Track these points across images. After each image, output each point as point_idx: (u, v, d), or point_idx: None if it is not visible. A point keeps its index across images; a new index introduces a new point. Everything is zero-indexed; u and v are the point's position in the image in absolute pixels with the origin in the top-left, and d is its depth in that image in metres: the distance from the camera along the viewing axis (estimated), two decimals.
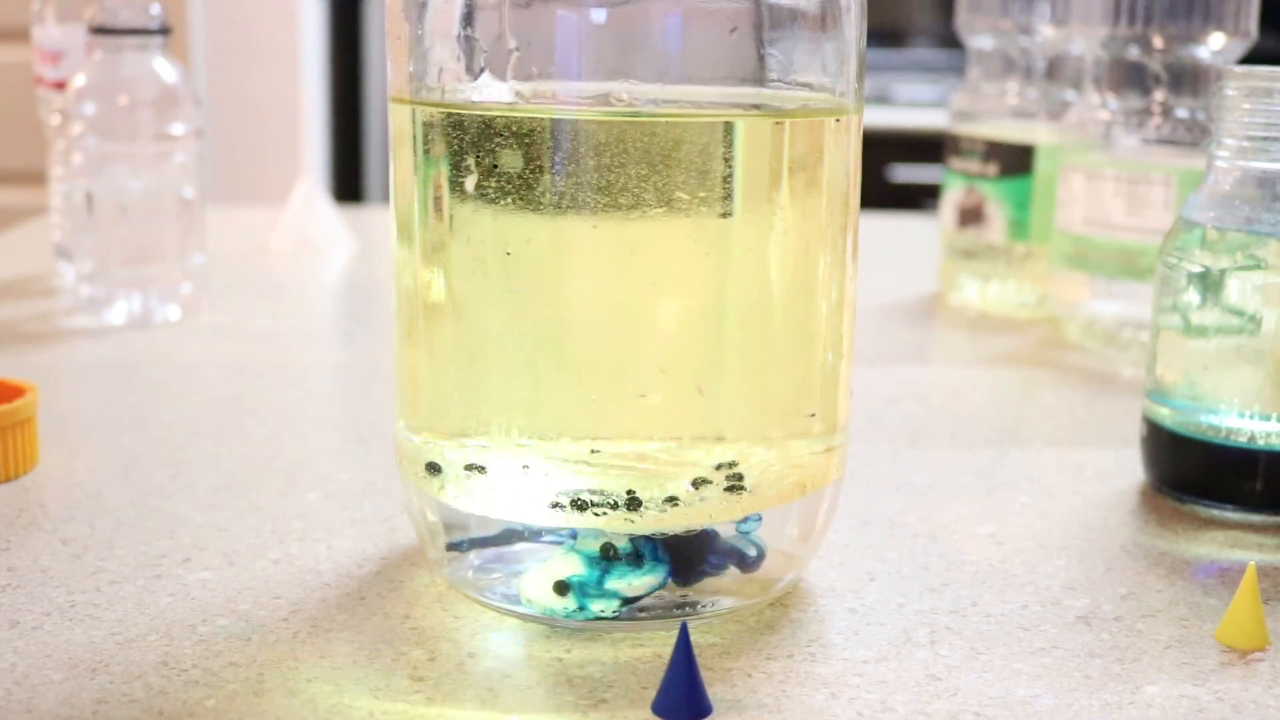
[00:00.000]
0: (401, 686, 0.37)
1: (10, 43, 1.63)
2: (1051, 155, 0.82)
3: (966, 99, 0.89)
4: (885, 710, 0.37)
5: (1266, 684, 0.38)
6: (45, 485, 0.52)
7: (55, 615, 0.41)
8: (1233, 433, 0.50)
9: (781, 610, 0.42)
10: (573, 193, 0.37)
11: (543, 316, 0.38)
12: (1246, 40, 0.73)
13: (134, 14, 0.76)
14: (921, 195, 2.13)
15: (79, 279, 0.79)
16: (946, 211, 0.89)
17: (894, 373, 0.72)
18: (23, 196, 1.62)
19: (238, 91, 1.83)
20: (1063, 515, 0.51)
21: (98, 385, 0.66)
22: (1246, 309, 0.49)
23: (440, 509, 0.41)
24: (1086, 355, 0.75)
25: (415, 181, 0.40)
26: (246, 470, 0.54)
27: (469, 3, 0.38)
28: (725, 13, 0.37)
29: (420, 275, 0.40)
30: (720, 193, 0.38)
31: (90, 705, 0.36)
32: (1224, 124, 0.50)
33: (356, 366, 0.73)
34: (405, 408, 0.42)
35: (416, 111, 0.40)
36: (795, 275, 0.39)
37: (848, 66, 0.40)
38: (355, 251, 1.03)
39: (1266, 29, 0.80)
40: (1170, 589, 0.45)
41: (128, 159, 0.76)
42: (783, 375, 0.40)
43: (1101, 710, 0.37)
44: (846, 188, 0.41)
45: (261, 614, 0.41)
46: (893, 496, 0.53)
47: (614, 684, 0.37)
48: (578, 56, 0.37)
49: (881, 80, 2.41)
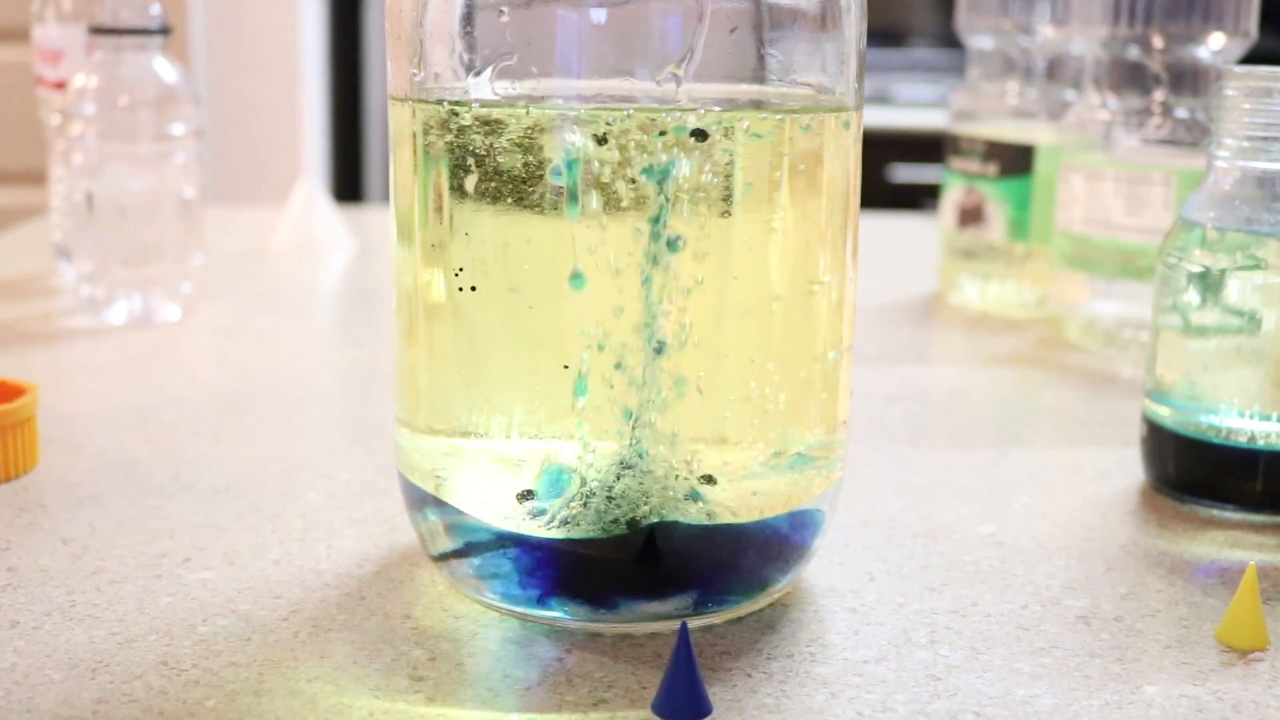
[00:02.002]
0: (401, 686, 0.37)
1: (10, 43, 1.64)
2: (1051, 155, 0.82)
3: (966, 99, 0.89)
4: (885, 710, 0.37)
5: (1266, 684, 0.38)
6: (45, 485, 0.52)
7: (55, 615, 0.41)
8: (1233, 433, 0.50)
9: (781, 610, 0.42)
10: (573, 192, 0.37)
11: (543, 316, 0.38)
12: (1246, 40, 0.73)
13: (134, 14, 0.76)
14: (921, 195, 2.13)
15: (79, 279, 0.79)
16: (946, 211, 0.89)
17: (894, 373, 0.72)
18: (23, 196, 1.62)
19: (238, 91, 1.83)
20: (1063, 515, 0.51)
21: (98, 385, 0.66)
22: (1246, 309, 0.49)
23: (441, 510, 0.41)
24: (1086, 355, 0.75)
25: (415, 181, 0.40)
26: (246, 470, 0.54)
27: (469, 3, 0.38)
28: (725, 13, 0.37)
29: (420, 275, 0.40)
30: (720, 193, 0.38)
31: (90, 705, 0.36)
32: (1224, 124, 0.50)
33: (356, 366, 0.73)
34: (405, 408, 0.42)
35: (416, 111, 0.40)
36: (795, 275, 0.39)
37: (848, 66, 0.40)
38: (355, 251, 1.03)
39: (1266, 29, 0.80)
40: (1170, 589, 0.45)
41: (128, 159, 0.76)
42: (783, 375, 0.40)
43: (1101, 710, 0.37)
44: (847, 188, 0.41)
45: (262, 614, 0.41)
46: (893, 496, 0.53)
47: (614, 684, 0.37)
48: (578, 56, 0.37)
49: (881, 80, 2.42)
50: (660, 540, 0.39)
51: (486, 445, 0.39)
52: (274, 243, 1.03)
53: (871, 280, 0.85)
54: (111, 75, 0.76)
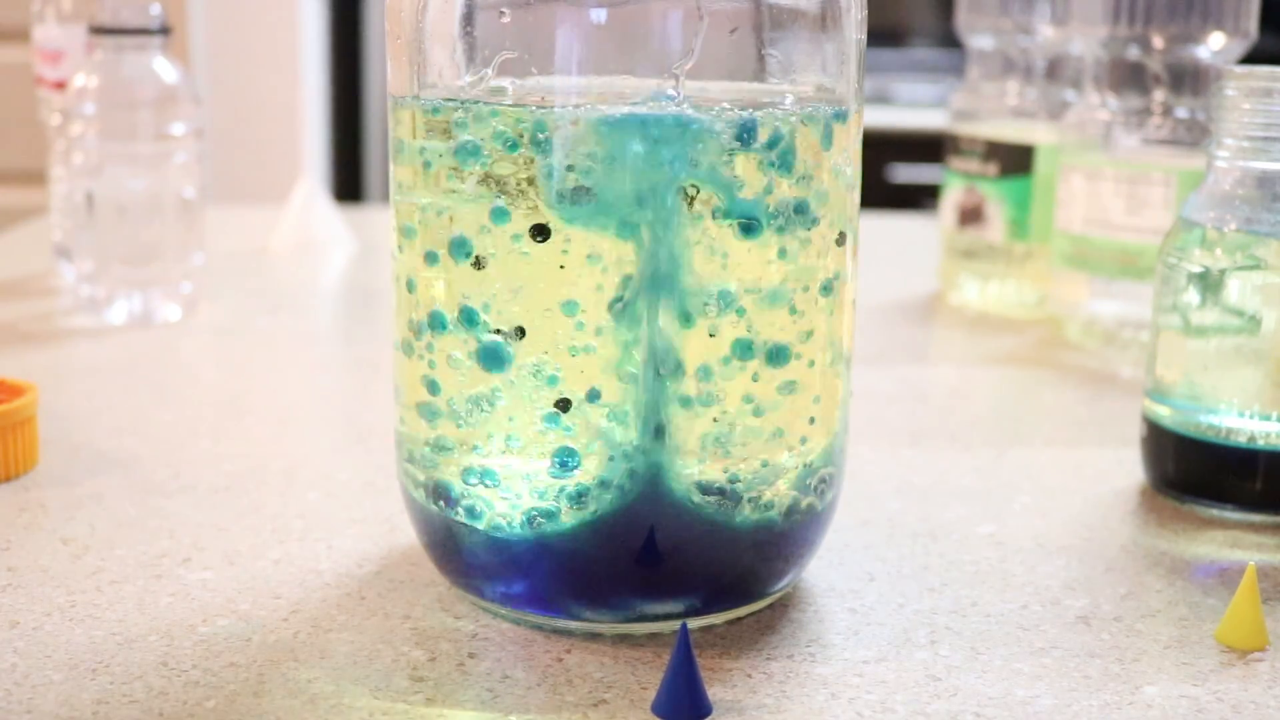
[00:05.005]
0: (401, 686, 0.37)
1: (10, 43, 1.64)
2: (1051, 155, 0.82)
3: (966, 99, 0.89)
4: (885, 710, 0.37)
5: (1266, 684, 0.38)
6: (45, 485, 0.52)
7: (55, 615, 0.41)
8: (1233, 433, 0.50)
9: (781, 610, 0.42)
10: (573, 191, 0.37)
11: (543, 317, 0.38)
12: (1246, 40, 0.73)
13: (134, 14, 0.76)
14: (921, 195, 2.13)
15: (79, 279, 0.79)
16: (946, 211, 0.89)
17: (894, 373, 0.72)
18: (23, 196, 1.62)
19: (238, 91, 1.83)
20: (1063, 515, 0.51)
21: (98, 385, 0.66)
22: (1246, 309, 0.49)
23: (442, 509, 0.41)
24: (1086, 355, 0.75)
25: (415, 181, 0.40)
26: (247, 470, 0.54)
27: (469, 2, 0.38)
28: (725, 13, 0.37)
29: (421, 275, 0.40)
30: (720, 193, 0.38)
31: (90, 706, 0.36)
32: (1224, 124, 0.50)
33: (356, 366, 0.73)
34: (405, 409, 0.42)
35: (417, 111, 0.40)
36: (795, 275, 0.39)
37: (848, 66, 0.40)
38: (355, 251, 1.03)
39: (1266, 29, 0.80)
40: (1170, 589, 0.45)
41: (128, 159, 0.77)
42: (783, 375, 0.40)
43: (1101, 710, 0.37)
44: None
45: (262, 614, 0.41)
46: (893, 496, 0.53)
47: (614, 684, 0.38)
48: (578, 56, 0.37)
49: (881, 80, 2.41)
50: (661, 540, 0.39)
51: (487, 445, 0.39)
52: (274, 242, 1.03)
53: (871, 280, 0.85)
54: (112, 75, 0.76)
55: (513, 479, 0.39)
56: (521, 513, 0.39)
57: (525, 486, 0.39)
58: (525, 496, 0.39)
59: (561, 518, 0.39)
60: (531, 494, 0.39)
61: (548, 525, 0.39)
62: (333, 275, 0.98)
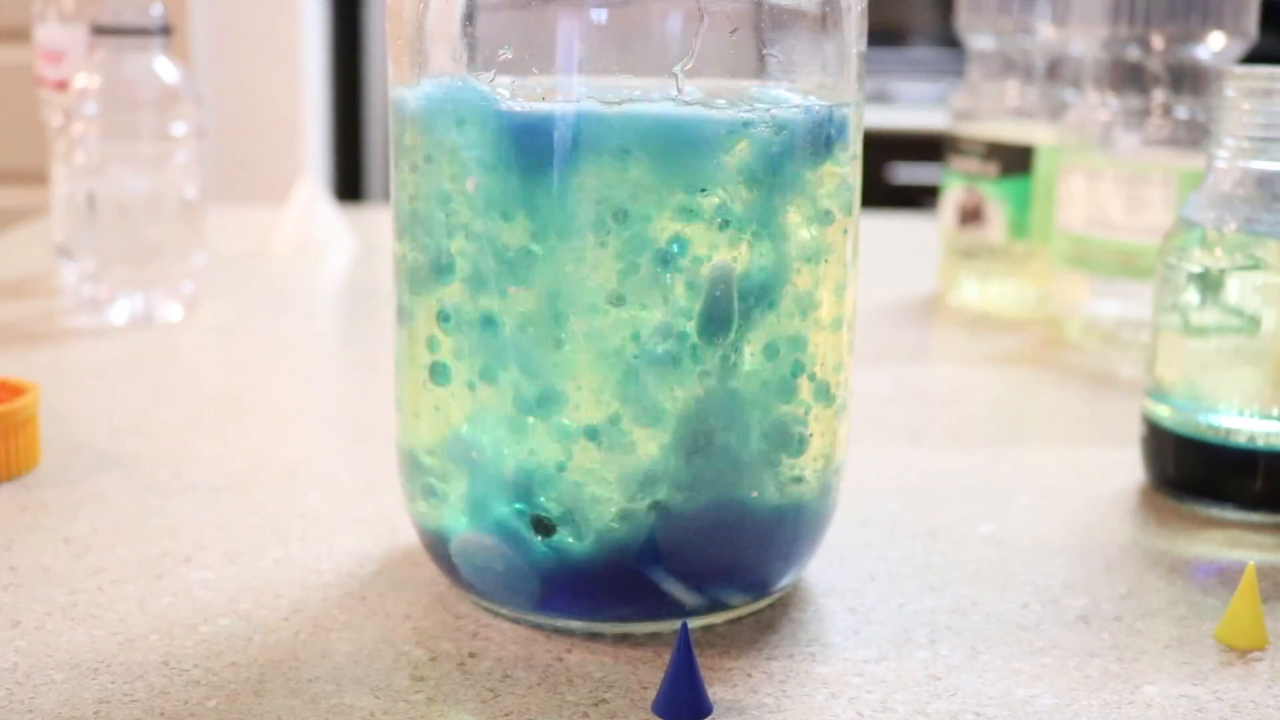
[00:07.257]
0: (402, 686, 0.37)
1: (11, 43, 1.64)
2: (1051, 155, 0.82)
3: (966, 99, 0.89)
4: (885, 710, 0.37)
5: (1266, 684, 0.39)
6: (46, 485, 0.52)
7: (57, 615, 0.41)
8: (1233, 433, 0.50)
9: (781, 610, 0.42)
10: (573, 191, 0.37)
11: (543, 318, 0.38)
12: (1246, 40, 0.73)
13: (136, 14, 0.76)
14: (921, 195, 2.13)
15: (80, 279, 0.79)
16: (946, 211, 0.89)
17: (894, 373, 0.72)
18: (24, 196, 1.62)
19: (238, 91, 1.83)
20: (1063, 515, 0.51)
21: (99, 385, 0.66)
22: (1246, 309, 0.49)
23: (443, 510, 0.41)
24: (1086, 355, 0.75)
25: (415, 181, 0.40)
26: (247, 470, 0.54)
27: (470, 2, 0.38)
28: (726, 13, 0.38)
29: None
30: (720, 193, 0.38)
31: (92, 705, 0.36)
32: (1224, 124, 0.50)
33: (356, 366, 0.73)
34: (406, 409, 0.42)
35: (417, 110, 0.40)
36: (795, 275, 0.39)
37: (848, 66, 0.40)
38: (356, 251, 1.03)
39: (1266, 29, 0.80)
40: (1170, 589, 0.45)
41: (129, 159, 0.77)
42: (783, 375, 0.40)
43: (1101, 710, 0.37)
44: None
45: (263, 613, 0.42)
46: (893, 496, 0.53)
47: (614, 684, 0.38)
48: (578, 56, 0.37)
49: (881, 80, 2.41)
50: (660, 540, 0.39)
51: (489, 445, 0.39)
52: (275, 242, 1.03)
53: (871, 280, 0.85)
54: (113, 75, 0.76)
55: (513, 478, 0.39)
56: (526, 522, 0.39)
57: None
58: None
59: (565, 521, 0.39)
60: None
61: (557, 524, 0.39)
62: (333, 275, 0.98)
